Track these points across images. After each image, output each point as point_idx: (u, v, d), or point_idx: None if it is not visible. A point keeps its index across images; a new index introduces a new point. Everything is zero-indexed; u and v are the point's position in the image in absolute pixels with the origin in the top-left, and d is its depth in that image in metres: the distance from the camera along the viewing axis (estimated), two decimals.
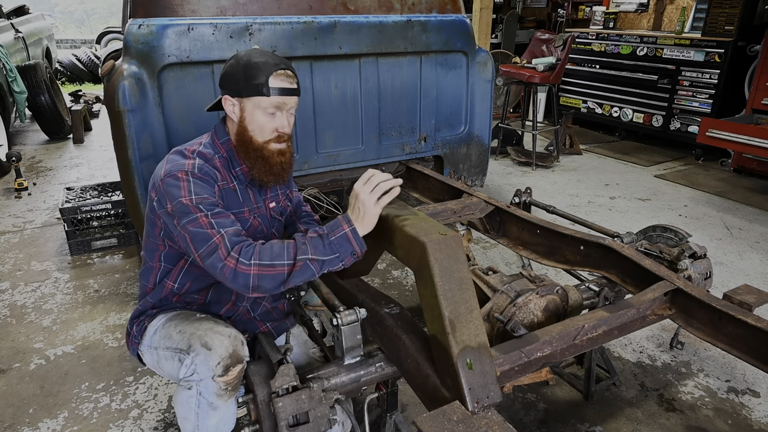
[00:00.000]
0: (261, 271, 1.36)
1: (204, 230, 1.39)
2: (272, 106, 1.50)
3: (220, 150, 1.58)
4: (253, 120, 1.52)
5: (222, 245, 1.37)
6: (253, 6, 2.58)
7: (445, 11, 3.07)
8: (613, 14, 6.44)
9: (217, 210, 1.44)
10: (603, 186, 4.71)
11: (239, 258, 1.35)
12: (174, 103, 2.46)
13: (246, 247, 1.38)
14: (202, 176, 1.47)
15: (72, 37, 16.32)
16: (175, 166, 1.47)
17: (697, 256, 1.95)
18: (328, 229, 1.42)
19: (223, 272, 1.36)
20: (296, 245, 1.40)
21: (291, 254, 1.38)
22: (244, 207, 1.61)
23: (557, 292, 1.67)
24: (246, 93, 1.49)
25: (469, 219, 2.42)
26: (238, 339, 1.48)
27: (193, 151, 1.53)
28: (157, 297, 1.63)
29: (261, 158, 1.54)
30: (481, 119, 3.39)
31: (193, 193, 1.43)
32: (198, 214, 1.40)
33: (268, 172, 1.56)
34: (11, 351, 2.49)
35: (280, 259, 1.37)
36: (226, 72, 1.53)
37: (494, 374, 1.27)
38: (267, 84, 1.48)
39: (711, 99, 5.21)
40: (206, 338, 1.44)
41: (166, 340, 1.53)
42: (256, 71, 1.48)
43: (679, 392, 2.23)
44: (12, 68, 5.29)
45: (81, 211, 3.39)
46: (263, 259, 1.36)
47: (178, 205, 1.41)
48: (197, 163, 1.48)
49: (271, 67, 1.49)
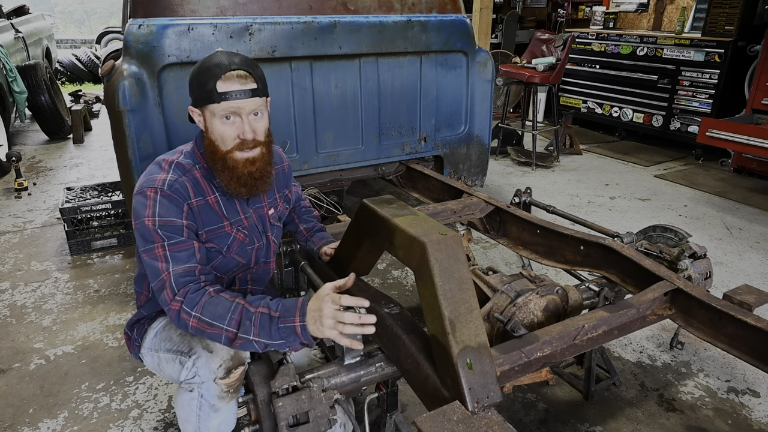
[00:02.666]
0: (200, 326, 1.31)
1: (156, 263, 1.35)
2: (227, 112, 1.39)
3: (200, 160, 1.50)
4: (214, 129, 1.42)
5: (168, 286, 1.33)
6: (253, 6, 2.58)
7: (445, 11, 3.07)
8: (613, 14, 6.44)
9: (177, 240, 1.38)
10: (603, 186, 4.71)
11: (183, 305, 1.32)
12: (174, 103, 2.46)
13: (192, 293, 1.33)
14: (171, 194, 1.40)
15: (72, 37, 16.32)
16: (147, 182, 1.42)
17: (697, 256, 1.95)
18: (282, 310, 1.31)
19: (169, 312, 1.34)
20: (241, 316, 1.31)
21: (234, 322, 1.31)
22: (224, 221, 1.53)
23: (557, 292, 1.67)
24: (201, 101, 1.41)
25: (469, 219, 2.43)
26: None
27: (171, 162, 1.46)
28: (153, 309, 1.63)
29: (227, 169, 1.44)
30: (481, 119, 3.39)
31: (156, 214, 1.37)
32: (155, 244, 1.36)
33: (238, 183, 1.46)
34: (11, 351, 2.49)
35: (220, 321, 1.31)
36: (190, 80, 1.45)
37: (494, 374, 1.27)
38: (215, 89, 1.37)
39: (711, 99, 5.21)
40: (207, 340, 1.43)
41: (167, 342, 1.53)
42: (207, 77, 1.37)
43: (679, 392, 2.23)
44: (12, 68, 5.29)
45: (81, 211, 3.39)
46: (204, 315, 1.31)
47: (140, 225, 1.38)
48: (169, 179, 1.41)
49: (222, 70, 1.36)
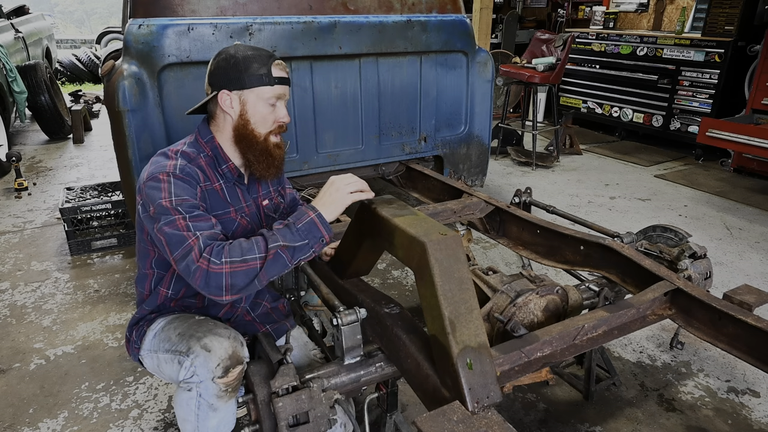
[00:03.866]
0: (233, 269, 1.33)
1: (180, 232, 1.36)
2: (274, 96, 1.52)
3: (204, 148, 1.56)
4: (256, 112, 1.52)
5: (196, 247, 1.35)
6: (253, 6, 2.58)
7: (445, 11, 3.07)
8: (613, 14, 6.44)
9: (197, 212, 1.41)
10: (603, 186, 4.71)
11: (211, 258, 1.33)
12: (174, 103, 2.46)
13: (217, 247, 1.36)
14: (184, 177, 1.45)
15: (72, 37, 16.33)
16: (156, 168, 1.45)
17: (697, 256, 1.95)
18: (294, 218, 1.42)
19: (195, 275, 1.34)
20: (265, 237, 1.39)
21: (261, 247, 1.36)
22: (229, 207, 1.58)
23: (557, 292, 1.67)
24: (249, 84, 1.49)
25: (469, 219, 2.43)
26: (238, 340, 1.47)
27: (176, 152, 1.52)
28: (154, 304, 1.63)
29: (264, 151, 1.55)
30: (481, 119, 3.39)
31: (173, 194, 1.41)
32: (176, 216, 1.38)
33: (271, 165, 1.57)
34: (11, 351, 2.49)
35: (251, 253, 1.35)
36: (219, 67, 1.52)
37: (494, 374, 1.27)
38: (270, 73, 1.50)
39: (711, 99, 5.21)
40: (205, 340, 1.44)
41: (166, 342, 1.53)
42: (255, 62, 1.49)
43: (679, 392, 2.23)
44: (12, 68, 5.29)
45: (81, 211, 3.39)
46: (233, 256, 1.34)
47: (158, 207, 1.39)
48: (179, 164, 1.46)
49: (269, 58, 1.52)
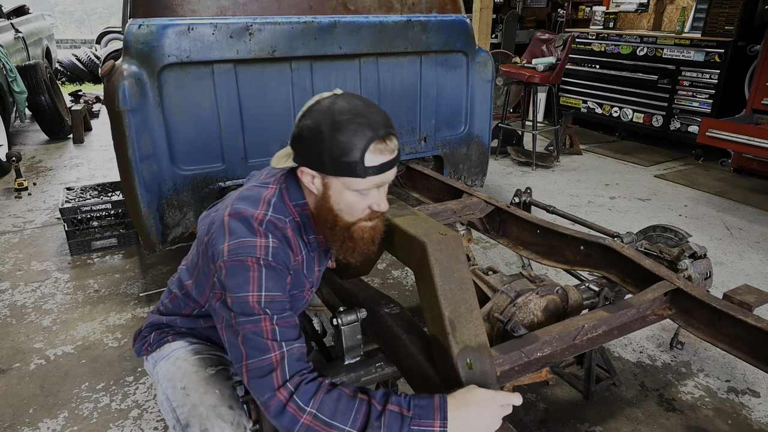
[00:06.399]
0: (314, 425, 1.09)
1: (263, 339, 1.14)
2: (366, 188, 1.22)
3: (292, 213, 1.30)
4: (341, 200, 1.24)
5: (279, 369, 1.12)
6: (253, 6, 2.58)
7: (445, 11, 3.07)
8: (613, 14, 6.44)
9: (286, 314, 1.19)
10: (603, 186, 4.71)
11: (294, 396, 1.10)
12: (174, 103, 2.46)
13: (307, 383, 1.12)
14: (276, 265, 1.20)
15: (72, 37, 16.32)
16: (242, 247, 1.18)
17: (697, 256, 1.95)
18: (416, 409, 1.11)
19: (268, 402, 1.11)
20: (368, 416, 1.10)
21: (358, 424, 1.09)
22: (305, 284, 1.39)
23: (557, 292, 1.67)
24: (333, 172, 1.19)
25: (469, 219, 2.42)
26: (241, 426, 1.35)
27: (261, 221, 1.23)
28: (187, 325, 1.52)
29: (349, 239, 1.28)
30: (481, 119, 3.39)
31: (264, 288, 1.17)
32: (261, 316, 1.15)
33: (355, 251, 1.30)
34: (11, 351, 2.49)
35: (342, 422, 1.09)
36: (303, 136, 1.22)
37: (494, 374, 1.27)
38: (362, 162, 1.17)
39: (711, 99, 5.21)
40: (207, 424, 1.32)
41: (170, 388, 1.41)
42: (347, 145, 1.16)
43: (679, 392, 2.23)
44: (12, 68, 5.29)
45: (81, 211, 3.39)
46: (323, 413, 1.09)
47: (242, 301, 1.16)
48: (271, 246, 1.21)
49: (368, 139, 1.16)
